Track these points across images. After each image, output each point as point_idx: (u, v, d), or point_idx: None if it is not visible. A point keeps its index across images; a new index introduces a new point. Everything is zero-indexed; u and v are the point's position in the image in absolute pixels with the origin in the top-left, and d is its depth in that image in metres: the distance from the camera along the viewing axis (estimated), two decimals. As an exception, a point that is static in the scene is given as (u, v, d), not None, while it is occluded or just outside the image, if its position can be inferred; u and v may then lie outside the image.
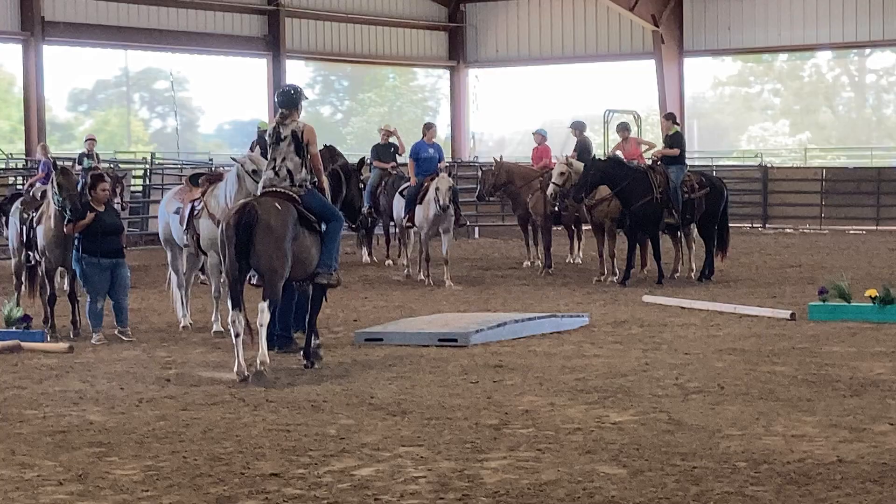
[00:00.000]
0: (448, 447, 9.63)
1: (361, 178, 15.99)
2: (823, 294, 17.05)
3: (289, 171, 13.56)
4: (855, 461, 8.96)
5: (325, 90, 49.88)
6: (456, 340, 14.98)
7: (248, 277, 13.50)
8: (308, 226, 13.53)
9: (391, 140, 26.80)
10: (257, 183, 14.87)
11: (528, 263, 25.59)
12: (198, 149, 42.17)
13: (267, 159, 13.98)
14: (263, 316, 13.01)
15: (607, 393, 11.78)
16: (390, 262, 26.33)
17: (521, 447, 9.60)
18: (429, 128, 24.05)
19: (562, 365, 13.45)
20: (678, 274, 22.85)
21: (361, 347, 14.96)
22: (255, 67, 41.22)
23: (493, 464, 9.08)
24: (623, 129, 24.59)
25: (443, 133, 47.85)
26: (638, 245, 22.49)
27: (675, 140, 22.81)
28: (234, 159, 16.74)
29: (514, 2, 44.65)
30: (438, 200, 21.89)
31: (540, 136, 26.43)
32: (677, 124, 23.60)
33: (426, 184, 22.43)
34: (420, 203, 22.43)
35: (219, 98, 43.22)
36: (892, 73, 45.48)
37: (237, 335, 12.95)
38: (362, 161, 16.61)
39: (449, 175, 24.12)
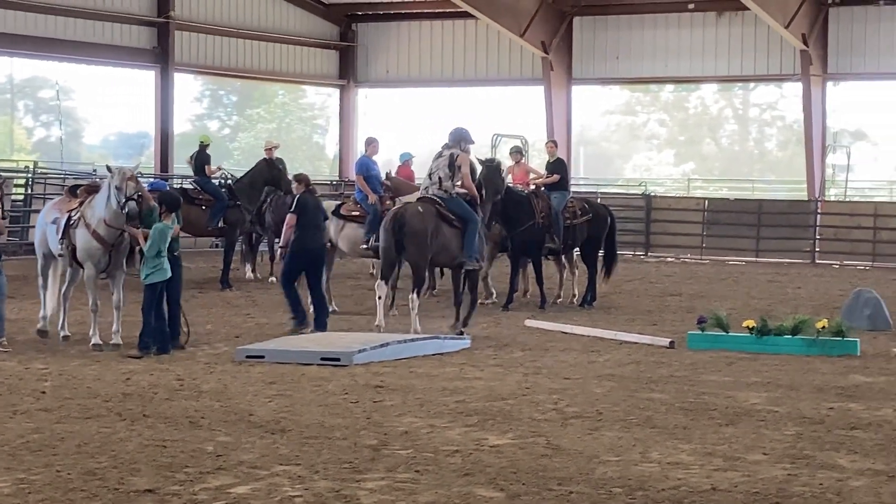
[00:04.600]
0: (326, 467, 9.60)
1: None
2: (702, 323, 17.26)
3: (439, 178, 17.93)
4: (728, 490, 9.06)
5: (213, 104, 49.55)
6: (338, 360, 14.96)
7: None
8: (449, 223, 17.77)
9: (276, 155, 26.54)
10: (118, 201, 15.42)
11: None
12: (82, 159, 41.59)
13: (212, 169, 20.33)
14: (414, 303, 17.61)
15: (487, 416, 11.81)
16: (273, 279, 26.16)
17: (400, 468, 9.60)
18: (370, 143, 22.68)
19: (443, 387, 13.47)
20: (560, 299, 23.01)
21: (242, 364, 14.88)
22: (143, 79, 40.77)
23: (371, 484, 9.06)
24: (516, 152, 24.79)
25: (330, 152, 47.73)
26: (521, 269, 22.67)
27: (556, 167, 23.13)
28: (108, 169, 16.38)
29: (406, 23, 44.64)
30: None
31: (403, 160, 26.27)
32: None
33: (387, 204, 21.20)
34: None
35: (105, 109, 42.71)
36: (775, 108, 46.22)
37: (379, 297, 17.69)
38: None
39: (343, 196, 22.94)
